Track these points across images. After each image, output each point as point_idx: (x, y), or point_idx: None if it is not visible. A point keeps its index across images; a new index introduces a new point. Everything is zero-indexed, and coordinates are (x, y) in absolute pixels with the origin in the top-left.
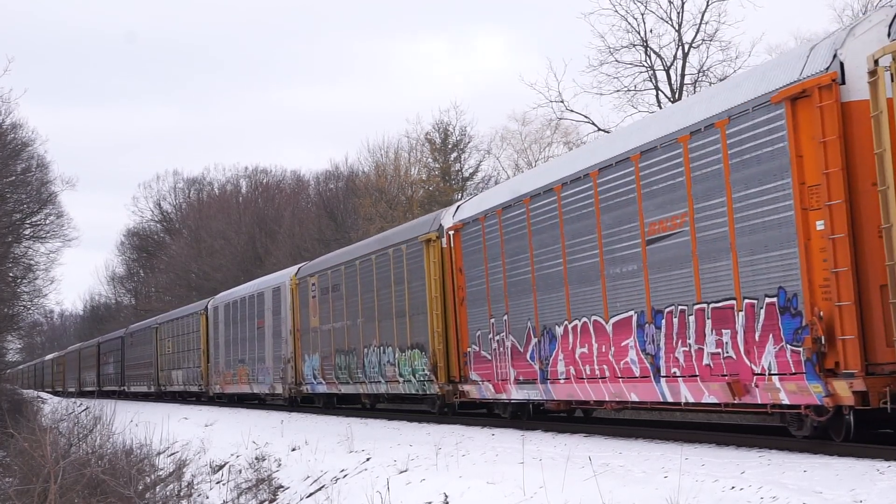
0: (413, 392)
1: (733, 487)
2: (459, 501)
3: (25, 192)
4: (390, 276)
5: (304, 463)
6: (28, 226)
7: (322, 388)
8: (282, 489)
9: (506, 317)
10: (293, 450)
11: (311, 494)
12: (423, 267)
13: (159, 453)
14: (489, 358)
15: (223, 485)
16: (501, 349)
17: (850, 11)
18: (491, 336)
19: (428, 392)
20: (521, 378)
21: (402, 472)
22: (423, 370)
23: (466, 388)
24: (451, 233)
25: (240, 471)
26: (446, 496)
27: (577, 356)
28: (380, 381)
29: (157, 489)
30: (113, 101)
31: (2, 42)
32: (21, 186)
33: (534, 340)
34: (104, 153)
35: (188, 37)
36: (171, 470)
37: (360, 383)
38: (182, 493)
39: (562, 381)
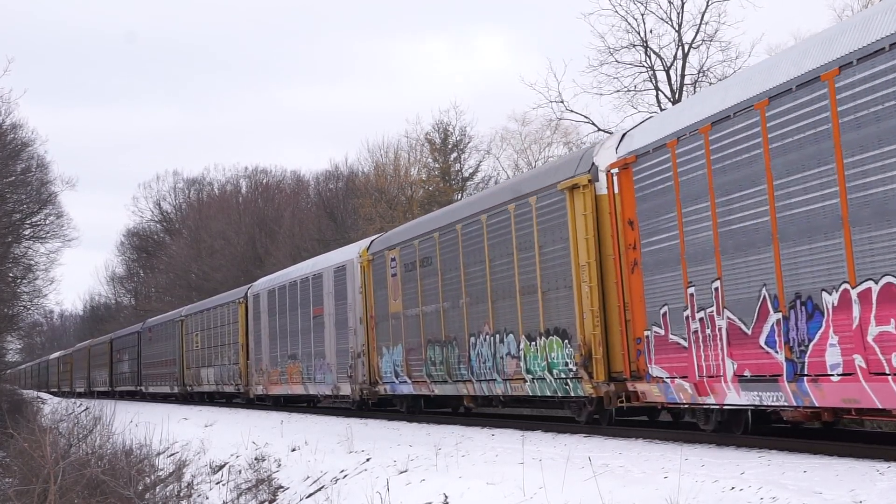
0: (548, 394)
1: (733, 488)
2: (459, 502)
3: (25, 193)
4: (510, 241)
5: (304, 463)
6: (28, 226)
7: (407, 389)
8: (281, 489)
9: (716, 283)
10: (293, 450)
11: (310, 495)
12: (566, 224)
13: (159, 454)
14: (684, 345)
15: (223, 485)
16: (708, 332)
17: (849, 12)
18: (688, 313)
19: (574, 394)
20: (746, 374)
21: (401, 473)
22: (566, 364)
23: (643, 387)
24: (615, 171)
25: (239, 471)
26: (446, 496)
27: (869, 338)
28: (494, 380)
29: (157, 489)
30: (113, 101)
31: (2, 42)
32: (21, 186)
33: (773, 317)
34: (104, 153)
35: (188, 37)
36: (171, 470)
37: (464, 382)
38: (182, 494)
39: (835, 379)
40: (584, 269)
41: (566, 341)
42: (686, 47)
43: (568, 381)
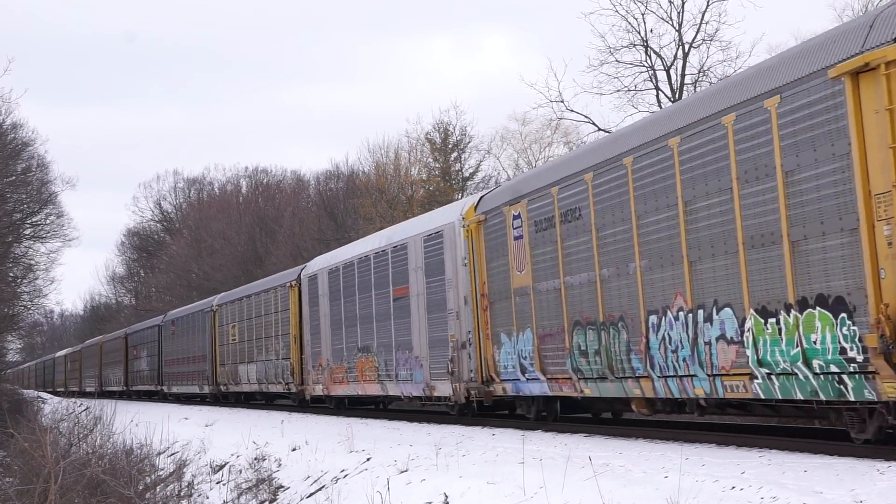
0: (802, 397)
1: (733, 487)
2: (460, 501)
3: (25, 192)
4: (727, 170)
5: (305, 463)
6: (28, 226)
7: (538, 388)
8: (282, 489)
9: None
10: (293, 450)
11: (311, 494)
12: (845, 128)
13: (159, 453)
14: None
15: (223, 485)
16: None
17: (850, 12)
18: None
19: (857, 397)
20: None
21: (402, 472)
22: (843, 352)
23: None
24: None
25: (240, 471)
26: (446, 496)
27: None
28: (692, 376)
29: (158, 489)
30: (113, 101)
31: (2, 42)
32: (21, 186)
33: None
34: (104, 153)
35: (189, 37)
36: (172, 470)
37: (635, 379)
38: (182, 494)
39: None
40: (885, 200)
41: (843, 316)
42: (686, 47)
43: (845, 377)
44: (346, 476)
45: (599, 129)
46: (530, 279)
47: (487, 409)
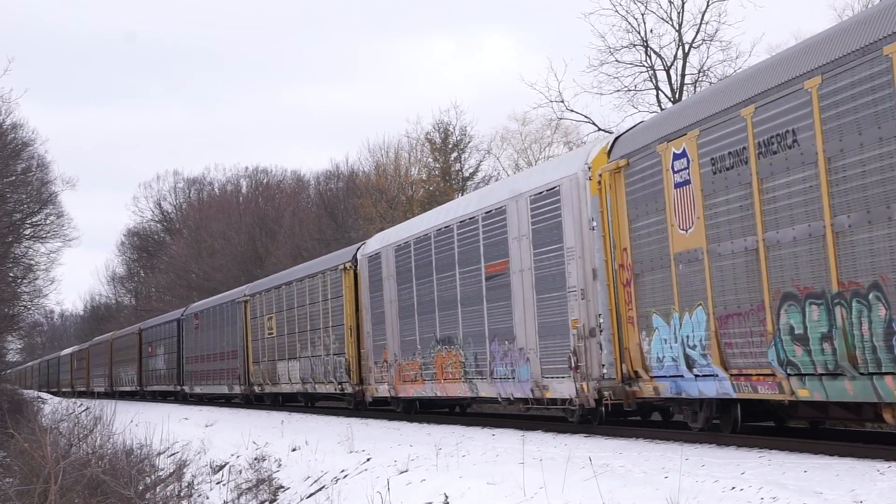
0: None
1: (733, 488)
2: (460, 502)
3: (25, 192)
4: None
5: (305, 463)
6: (28, 226)
7: (715, 388)
8: (282, 489)
9: None
10: (293, 450)
11: (311, 495)
12: None
13: (159, 454)
14: None
15: (223, 485)
16: None
17: (850, 12)
18: None
19: None
20: None
21: (402, 473)
22: None
23: None
24: None
25: (240, 471)
26: (446, 496)
27: None
28: None
29: (158, 489)
30: (113, 101)
31: (2, 42)
32: (21, 186)
33: None
34: (104, 153)
35: (189, 37)
36: (172, 470)
37: None
38: (182, 494)
39: None
40: None
41: None
42: (686, 47)
43: None
44: (346, 476)
45: (599, 129)
46: (703, 239)
47: (627, 414)
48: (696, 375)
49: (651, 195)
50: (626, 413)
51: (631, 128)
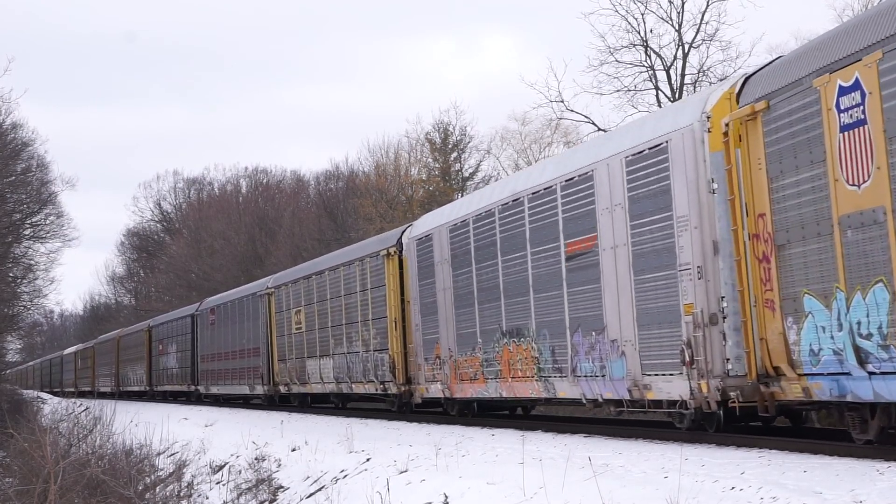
0: None
1: (733, 488)
2: (459, 502)
3: (25, 192)
4: None
5: (304, 463)
6: (28, 226)
7: None
8: (282, 489)
9: None
10: (293, 450)
11: (311, 495)
12: None
13: (159, 454)
14: None
15: (223, 485)
16: None
17: (850, 12)
18: None
19: None
20: None
21: (402, 473)
22: None
23: None
24: None
25: (240, 471)
26: (446, 496)
27: None
28: None
29: (157, 489)
30: (113, 101)
31: (2, 42)
32: (21, 186)
33: None
34: (104, 153)
35: (189, 37)
36: (171, 470)
37: None
38: (182, 494)
39: None
40: None
41: None
42: (686, 47)
43: None
44: (345, 476)
45: (599, 129)
46: (886, 195)
47: (763, 420)
48: (872, 373)
49: (803, 143)
50: (751, 419)
51: (766, 64)
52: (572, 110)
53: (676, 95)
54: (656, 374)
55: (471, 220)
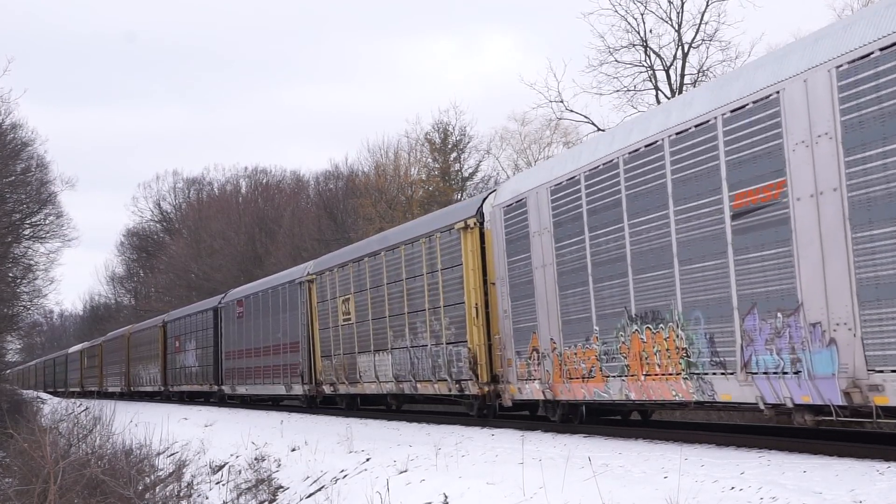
0: None
1: (733, 488)
2: (459, 502)
3: (25, 192)
4: None
5: (304, 463)
6: (28, 226)
7: None
8: (281, 489)
9: None
10: (293, 450)
11: (310, 495)
12: None
13: (159, 454)
14: None
15: (223, 485)
16: None
17: (849, 12)
18: None
19: None
20: None
21: (401, 473)
22: None
23: None
24: None
25: (239, 471)
26: (446, 496)
27: None
28: None
29: (157, 489)
30: (113, 101)
31: (2, 42)
32: (21, 186)
33: None
34: (104, 153)
35: (189, 37)
36: (171, 470)
37: None
38: (182, 494)
39: None
40: None
41: None
42: (686, 47)
43: None
44: (345, 476)
45: (599, 129)
46: None
47: None
48: None
49: None
50: None
51: None
52: (572, 110)
53: (676, 95)
54: (893, 371)
55: (581, 176)
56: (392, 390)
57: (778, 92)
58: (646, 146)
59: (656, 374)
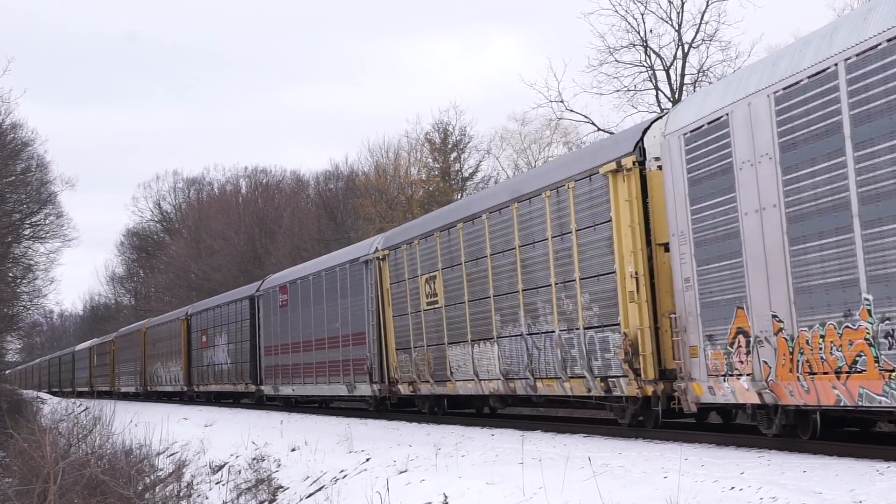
0: None
1: (733, 488)
2: (459, 502)
3: (25, 192)
4: None
5: (304, 463)
6: (28, 226)
7: None
8: (281, 489)
9: None
10: (293, 450)
11: (310, 495)
12: None
13: (159, 454)
14: None
15: (223, 485)
16: None
17: (849, 12)
18: None
19: None
20: None
21: (401, 473)
22: None
23: None
24: None
25: (239, 471)
26: (446, 496)
27: None
28: None
29: (157, 490)
30: (113, 101)
31: (2, 42)
32: (21, 186)
33: None
34: (104, 153)
35: (190, 37)
36: (171, 470)
37: None
38: (181, 494)
39: None
40: None
41: None
42: (686, 47)
43: None
44: (345, 476)
45: (599, 130)
46: None
47: None
48: None
49: None
50: None
51: None
52: (572, 110)
53: (676, 96)
54: None
55: (840, 66)
56: (498, 390)
57: None
58: None
59: None
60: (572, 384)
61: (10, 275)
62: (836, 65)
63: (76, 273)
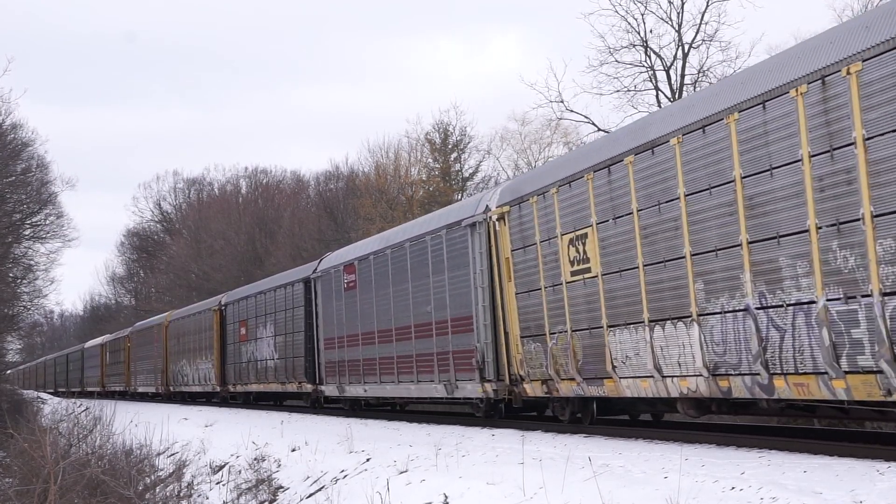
0: None
1: (733, 488)
2: (459, 502)
3: (25, 193)
4: None
5: (304, 463)
6: (28, 226)
7: None
8: (282, 490)
9: None
10: (293, 450)
11: (311, 495)
12: None
13: (159, 454)
14: None
15: (223, 485)
16: None
17: (850, 12)
18: None
19: None
20: None
21: (402, 473)
22: None
23: None
24: None
25: (239, 471)
26: (446, 497)
27: None
28: None
29: (157, 490)
30: (113, 101)
31: (2, 42)
32: (21, 187)
33: None
34: (104, 153)
35: (189, 37)
36: (171, 470)
37: None
38: (182, 494)
39: None
40: None
41: None
42: (686, 47)
43: None
44: (345, 476)
45: (599, 130)
46: None
47: None
48: None
49: None
50: None
51: None
52: (572, 110)
53: (676, 96)
54: None
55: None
56: (701, 391)
57: None
58: None
59: None
60: (851, 382)
61: (11, 275)
62: None
63: (76, 273)
